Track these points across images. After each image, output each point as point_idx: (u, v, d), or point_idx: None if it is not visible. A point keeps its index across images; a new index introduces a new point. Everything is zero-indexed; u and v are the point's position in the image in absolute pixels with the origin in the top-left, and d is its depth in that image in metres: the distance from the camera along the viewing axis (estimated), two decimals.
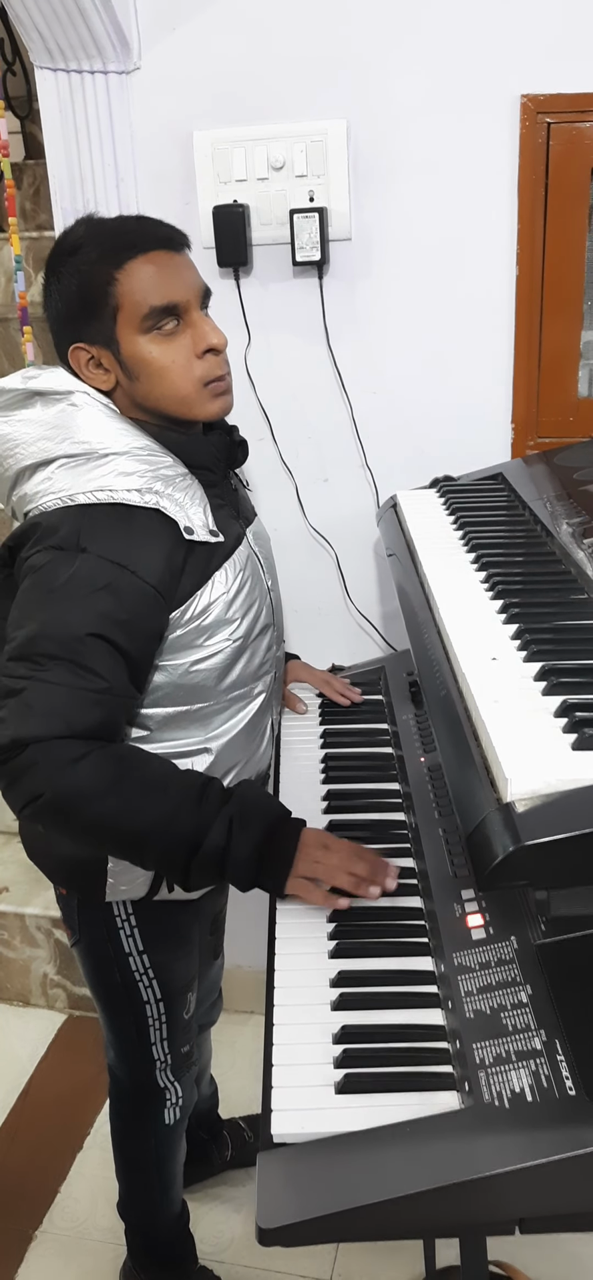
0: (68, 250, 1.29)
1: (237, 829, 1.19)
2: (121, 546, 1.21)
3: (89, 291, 1.26)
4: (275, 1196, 0.87)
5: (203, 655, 1.31)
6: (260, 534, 1.49)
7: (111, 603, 1.19)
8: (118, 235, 1.28)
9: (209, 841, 1.18)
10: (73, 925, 1.49)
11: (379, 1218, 0.85)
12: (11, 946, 2.45)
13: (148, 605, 1.23)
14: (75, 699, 1.17)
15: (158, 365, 1.28)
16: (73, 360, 1.30)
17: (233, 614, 1.33)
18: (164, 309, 1.27)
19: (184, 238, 1.34)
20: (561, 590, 1.26)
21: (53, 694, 1.16)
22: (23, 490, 1.28)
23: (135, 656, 1.23)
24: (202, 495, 1.31)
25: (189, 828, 1.18)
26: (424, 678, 1.21)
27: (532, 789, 0.86)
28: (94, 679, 1.18)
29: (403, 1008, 1.06)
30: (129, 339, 1.27)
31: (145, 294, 1.26)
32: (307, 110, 1.74)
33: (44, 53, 1.76)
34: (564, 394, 1.83)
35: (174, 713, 1.32)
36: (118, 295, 1.26)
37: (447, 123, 1.71)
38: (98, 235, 1.29)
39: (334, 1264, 1.81)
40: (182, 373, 1.29)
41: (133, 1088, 1.60)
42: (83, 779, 1.15)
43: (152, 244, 1.28)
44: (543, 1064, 0.92)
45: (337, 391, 1.90)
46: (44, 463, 1.26)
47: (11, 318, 2.68)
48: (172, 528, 1.25)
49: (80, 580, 1.19)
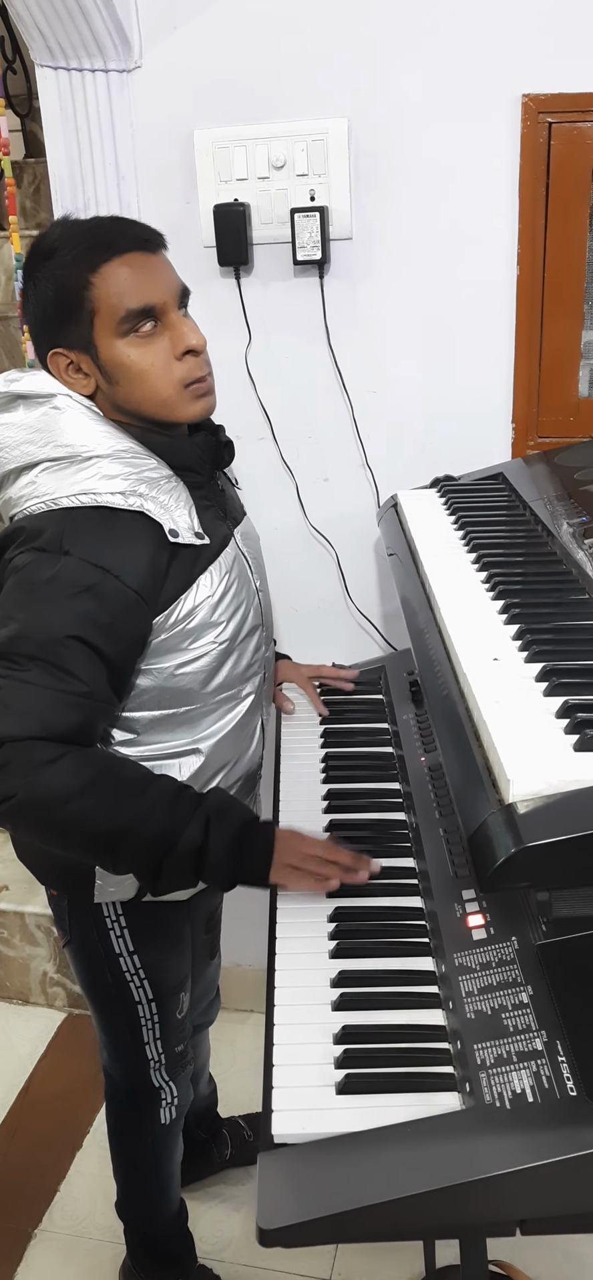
0: (43, 254, 1.26)
1: (214, 825, 1.19)
2: (105, 550, 1.21)
3: (65, 296, 1.24)
4: (276, 1197, 0.87)
5: (189, 658, 1.30)
6: (249, 534, 1.48)
7: (93, 606, 1.19)
8: (92, 238, 1.26)
9: (185, 840, 1.18)
10: (64, 926, 1.49)
11: (380, 1219, 0.85)
12: (11, 945, 2.45)
13: (130, 610, 1.22)
14: (53, 701, 1.16)
15: (137, 369, 1.26)
16: (52, 365, 1.28)
17: (218, 617, 1.32)
18: (141, 311, 1.24)
19: (160, 238, 1.31)
20: (561, 590, 1.26)
21: (29, 695, 1.15)
22: (7, 494, 1.28)
23: (116, 661, 1.22)
24: (187, 497, 1.30)
25: (164, 827, 1.18)
26: (425, 678, 1.20)
27: (534, 790, 0.86)
28: (73, 682, 1.17)
29: (404, 1008, 1.06)
30: (107, 343, 1.25)
31: (121, 297, 1.24)
32: (308, 109, 1.74)
33: (45, 51, 1.75)
34: (565, 394, 1.83)
35: (161, 715, 1.32)
36: (94, 299, 1.24)
37: (448, 122, 1.71)
38: (72, 238, 1.26)
39: (334, 1264, 1.81)
40: (161, 375, 1.27)
41: (128, 1088, 1.60)
42: (57, 780, 1.15)
43: (127, 245, 1.26)
44: (544, 1065, 0.92)
45: (337, 391, 1.90)
46: (27, 466, 1.25)
47: (12, 316, 2.68)
48: (156, 530, 1.24)
49: (62, 582, 1.18)
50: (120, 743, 1.31)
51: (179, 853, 1.18)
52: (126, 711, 1.30)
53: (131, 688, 1.29)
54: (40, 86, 1.80)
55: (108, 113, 1.79)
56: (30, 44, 1.75)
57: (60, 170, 1.83)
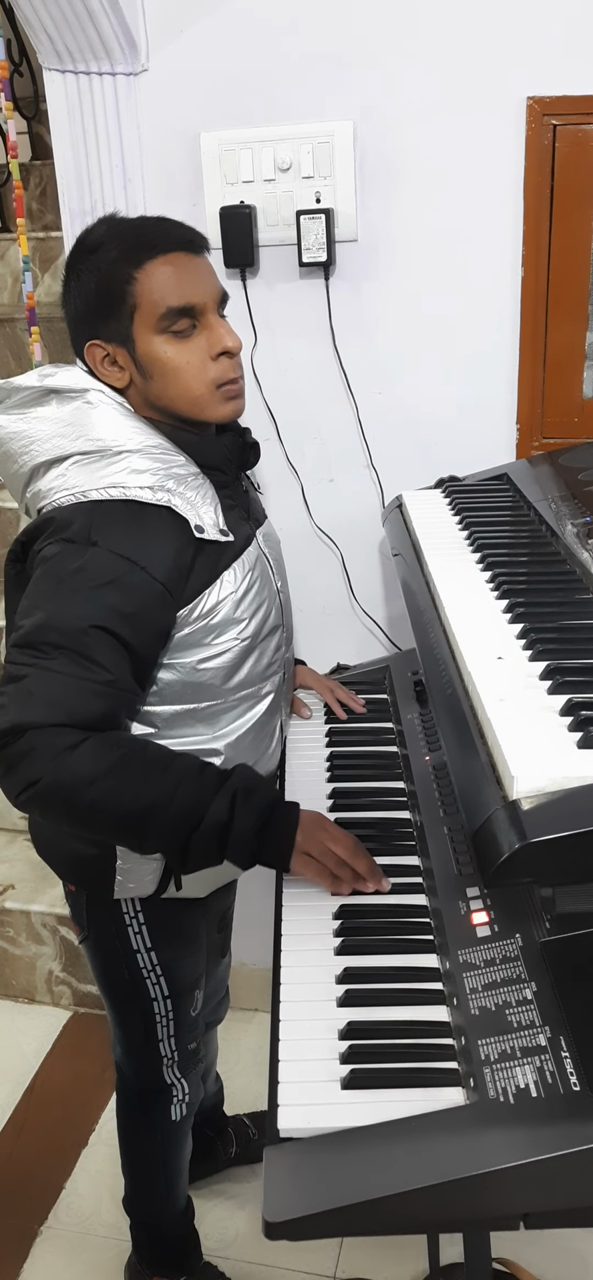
0: (88, 248, 1.30)
1: (240, 802, 1.20)
2: (132, 542, 1.22)
3: (107, 289, 1.28)
4: (282, 1191, 0.88)
5: (210, 654, 1.32)
6: (271, 536, 1.50)
7: (119, 597, 1.20)
8: (138, 235, 1.30)
9: (211, 816, 1.19)
10: (81, 922, 1.50)
11: (385, 1212, 0.86)
12: (17, 944, 2.45)
13: (155, 601, 1.24)
14: (77, 689, 1.17)
15: (172, 365, 1.29)
16: (88, 356, 1.31)
17: (241, 613, 1.33)
18: (181, 310, 1.28)
19: (204, 240, 1.34)
20: (566, 590, 1.27)
21: (55, 683, 1.17)
22: (37, 486, 1.29)
23: (140, 652, 1.23)
24: (213, 495, 1.32)
25: (190, 804, 1.19)
26: (430, 676, 1.21)
27: (537, 786, 0.87)
28: (98, 670, 1.18)
29: (409, 1004, 1.06)
30: (145, 338, 1.28)
31: (163, 294, 1.27)
32: (313, 112, 1.75)
33: (52, 54, 1.76)
34: (569, 395, 1.84)
35: (181, 710, 1.33)
36: (136, 294, 1.27)
37: (453, 124, 1.72)
38: (118, 234, 1.30)
39: (338, 1260, 1.81)
40: (195, 374, 1.29)
41: (140, 1084, 1.60)
42: (81, 764, 1.16)
43: (171, 245, 1.29)
44: (548, 1060, 0.92)
45: (342, 392, 1.90)
46: (58, 459, 1.27)
47: (19, 318, 2.69)
48: (182, 526, 1.26)
49: (89, 573, 1.20)
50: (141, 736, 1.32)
51: (205, 829, 1.19)
52: (148, 706, 1.31)
53: (153, 680, 1.30)
54: (48, 89, 1.82)
55: (115, 116, 1.80)
56: (38, 47, 1.76)
57: (67, 173, 1.84)
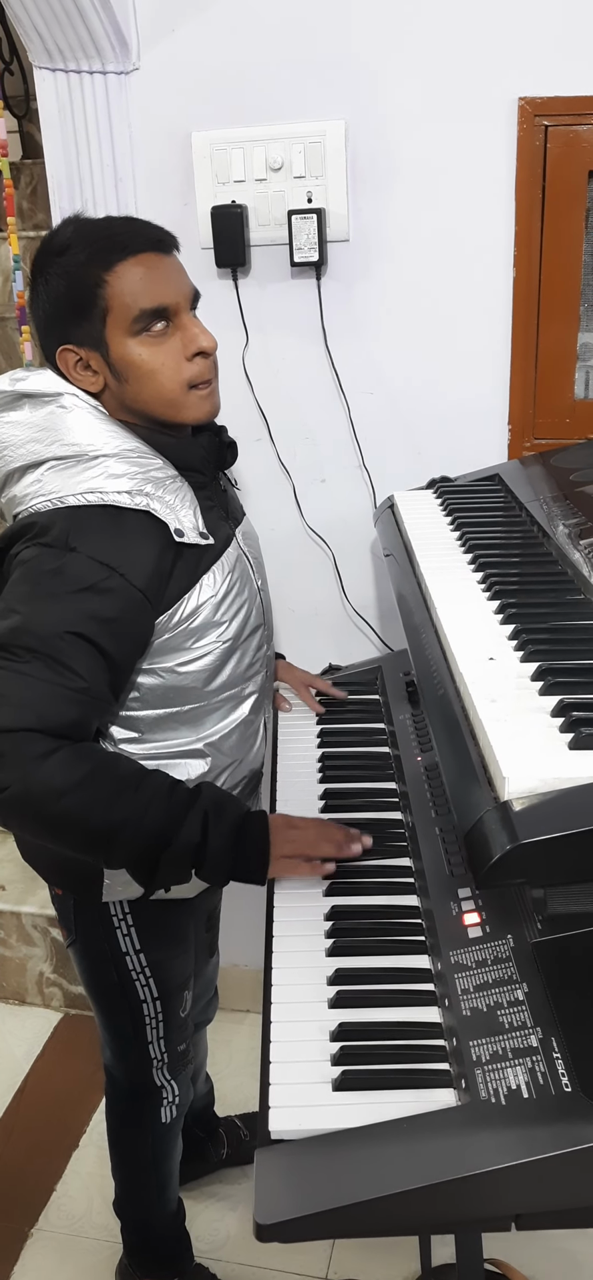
0: (55, 251, 1.27)
1: (212, 821, 1.20)
2: (110, 548, 1.21)
3: (78, 293, 1.25)
4: (273, 1192, 0.88)
5: (192, 657, 1.31)
6: (250, 534, 1.49)
7: (97, 603, 1.19)
8: (107, 236, 1.27)
9: (182, 836, 1.19)
10: (69, 925, 1.49)
11: (376, 1214, 0.86)
12: (8, 945, 2.45)
13: (134, 608, 1.22)
14: (51, 695, 1.16)
15: (147, 368, 1.27)
16: (60, 362, 1.29)
17: (222, 616, 1.33)
18: (154, 312, 1.26)
19: (173, 239, 1.32)
20: (557, 590, 1.27)
21: (27, 687, 1.15)
22: (12, 492, 1.28)
23: (117, 660, 1.22)
24: (192, 497, 1.31)
25: (161, 822, 1.18)
26: (422, 677, 1.21)
27: (529, 787, 0.87)
28: (72, 677, 1.17)
29: (400, 1005, 1.06)
30: (118, 341, 1.26)
31: (135, 296, 1.25)
32: (305, 111, 1.75)
33: (43, 53, 1.76)
34: (561, 395, 1.84)
35: (164, 714, 1.32)
36: (107, 297, 1.25)
37: (445, 125, 1.72)
38: (86, 236, 1.27)
39: (330, 1262, 1.81)
40: (170, 376, 1.28)
41: (129, 1086, 1.60)
42: (53, 774, 1.15)
43: (141, 245, 1.27)
44: (539, 1061, 0.93)
45: (334, 392, 1.90)
46: (33, 465, 1.26)
47: (9, 317, 2.68)
48: (161, 530, 1.25)
49: (67, 578, 1.19)
50: (124, 741, 1.32)
51: (176, 849, 1.19)
52: (130, 710, 1.30)
53: (131, 687, 1.29)
54: (38, 88, 1.81)
55: (106, 114, 1.79)
56: (28, 46, 1.76)
57: (58, 172, 1.84)
